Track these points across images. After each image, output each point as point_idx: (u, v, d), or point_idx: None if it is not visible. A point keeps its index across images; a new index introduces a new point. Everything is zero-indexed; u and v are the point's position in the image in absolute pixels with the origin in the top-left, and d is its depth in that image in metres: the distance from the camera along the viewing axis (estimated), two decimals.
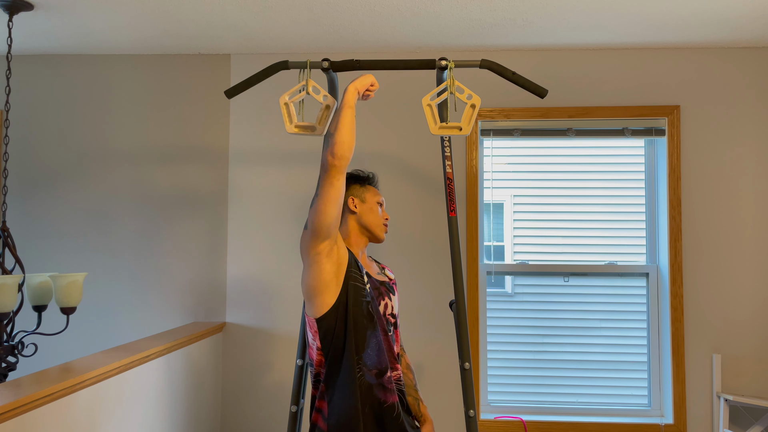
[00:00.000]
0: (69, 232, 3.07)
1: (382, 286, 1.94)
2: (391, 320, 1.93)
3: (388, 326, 1.91)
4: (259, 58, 3.07)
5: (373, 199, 1.98)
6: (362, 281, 1.85)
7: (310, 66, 2.14)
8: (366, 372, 1.81)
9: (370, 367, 1.82)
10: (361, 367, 1.81)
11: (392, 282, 2.04)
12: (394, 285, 2.04)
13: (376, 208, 1.98)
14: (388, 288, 1.97)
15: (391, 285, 2.01)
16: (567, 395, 3.00)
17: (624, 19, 2.59)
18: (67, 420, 1.73)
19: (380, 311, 1.89)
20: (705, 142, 2.92)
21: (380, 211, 1.99)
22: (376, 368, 1.82)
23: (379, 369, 1.82)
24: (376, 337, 1.83)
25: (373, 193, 2.00)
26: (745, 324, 2.87)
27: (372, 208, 1.97)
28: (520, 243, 3.07)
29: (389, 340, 1.88)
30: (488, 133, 3.00)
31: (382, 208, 2.02)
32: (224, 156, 3.06)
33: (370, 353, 1.82)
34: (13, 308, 2.08)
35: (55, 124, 3.11)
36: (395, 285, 2.06)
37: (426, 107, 2.07)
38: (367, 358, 1.82)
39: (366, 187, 2.01)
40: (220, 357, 2.99)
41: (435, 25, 2.65)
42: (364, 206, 1.97)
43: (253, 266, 3.01)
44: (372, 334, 1.83)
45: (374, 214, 1.96)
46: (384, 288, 1.95)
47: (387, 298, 1.93)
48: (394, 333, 1.94)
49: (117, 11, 2.53)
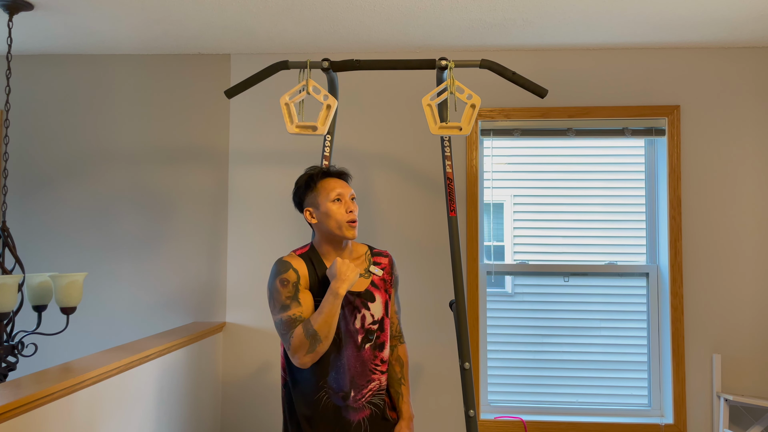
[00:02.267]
0: (69, 232, 3.07)
1: (357, 298, 1.83)
2: (372, 329, 1.85)
3: (363, 342, 1.83)
4: (259, 58, 3.07)
5: (326, 200, 1.80)
6: None
7: (310, 66, 2.14)
8: (332, 394, 1.79)
9: (336, 390, 1.79)
10: (327, 390, 1.79)
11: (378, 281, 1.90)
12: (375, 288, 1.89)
13: (332, 208, 1.79)
14: (365, 298, 1.85)
15: (370, 291, 1.87)
16: (567, 395, 3.00)
17: (624, 19, 2.59)
18: (67, 420, 1.73)
19: (354, 326, 1.82)
20: (705, 142, 2.92)
21: (340, 207, 1.80)
22: (342, 391, 1.79)
23: (344, 392, 1.79)
24: (340, 360, 1.79)
25: (326, 192, 1.81)
26: (745, 324, 2.87)
27: (328, 212, 1.79)
28: (520, 243, 3.07)
29: (362, 357, 1.82)
30: (488, 133, 3.00)
31: (343, 201, 1.81)
32: (224, 156, 3.06)
33: (335, 376, 1.79)
34: (13, 308, 2.08)
35: (55, 124, 3.11)
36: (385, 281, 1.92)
37: (426, 107, 2.07)
38: (332, 381, 1.79)
39: (316, 190, 1.83)
40: (220, 357, 2.99)
41: (435, 25, 2.65)
42: (320, 213, 1.81)
43: (253, 266, 3.01)
44: (336, 357, 1.79)
45: (332, 217, 1.78)
46: (359, 300, 1.84)
47: (364, 309, 1.83)
48: (375, 341, 1.85)
49: (117, 11, 2.53)
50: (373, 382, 1.84)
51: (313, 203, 1.83)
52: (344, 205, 1.81)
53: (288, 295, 1.75)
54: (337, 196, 1.80)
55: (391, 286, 1.94)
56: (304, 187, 1.85)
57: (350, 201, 1.83)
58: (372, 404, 1.84)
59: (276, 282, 1.77)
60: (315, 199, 1.82)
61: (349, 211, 1.80)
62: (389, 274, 1.94)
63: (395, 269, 1.97)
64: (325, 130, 2.10)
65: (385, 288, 1.91)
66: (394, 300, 1.97)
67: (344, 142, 3.01)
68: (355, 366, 1.81)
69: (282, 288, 1.76)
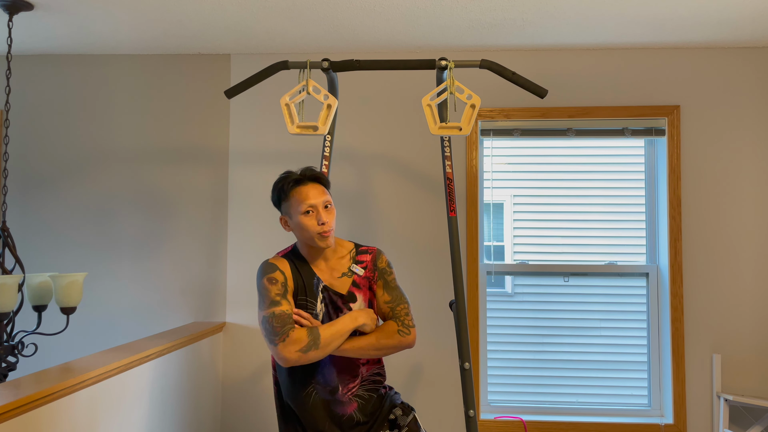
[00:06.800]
0: (69, 232, 3.07)
1: (339, 299, 1.85)
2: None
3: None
4: (259, 58, 3.07)
5: (297, 213, 1.78)
6: (313, 307, 1.82)
7: (310, 66, 2.14)
8: (320, 390, 1.82)
9: (324, 385, 1.83)
10: (315, 385, 1.82)
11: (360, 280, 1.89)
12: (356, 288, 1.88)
13: (304, 220, 1.77)
14: (347, 299, 1.86)
15: (351, 293, 1.87)
16: (567, 395, 3.00)
17: (624, 19, 2.59)
18: (67, 420, 1.73)
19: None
20: (705, 142, 2.92)
21: (311, 219, 1.77)
22: (330, 386, 1.83)
23: (332, 386, 1.83)
24: (327, 357, 1.82)
25: (297, 204, 1.78)
26: (745, 324, 2.87)
27: (299, 224, 1.78)
28: (520, 243, 3.07)
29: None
30: (488, 133, 3.00)
31: (314, 212, 1.77)
32: (224, 156, 3.06)
33: (322, 372, 1.83)
34: (13, 308, 2.08)
35: (55, 124, 3.11)
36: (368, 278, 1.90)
37: (426, 107, 2.07)
38: (320, 377, 1.83)
39: (289, 201, 1.80)
40: (220, 357, 2.99)
41: (435, 25, 2.65)
42: (293, 223, 1.81)
43: (254, 266, 3.01)
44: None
45: (304, 229, 1.78)
46: (341, 300, 1.85)
47: (346, 309, 1.85)
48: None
49: (117, 11, 2.53)
50: (358, 377, 1.88)
51: (287, 212, 1.83)
52: (316, 217, 1.77)
53: (278, 293, 1.78)
54: (308, 208, 1.77)
55: (374, 282, 1.90)
56: (278, 196, 1.84)
57: (323, 211, 1.78)
58: (358, 396, 1.88)
59: (264, 280, 1.79)
60: (288, 209, 1.82)
61: (321, 222, 1.77)
62: (371, 271, 1.90)
63: (379, 262, 1.91)
64: (326, 130, 2.10)
65: (368, 286, 1.91)
66: (384, 291, 1.90)
67: (344, 142, 3.01)
68: (340, 362, 1.85)
69: (271, 285, 1.78)
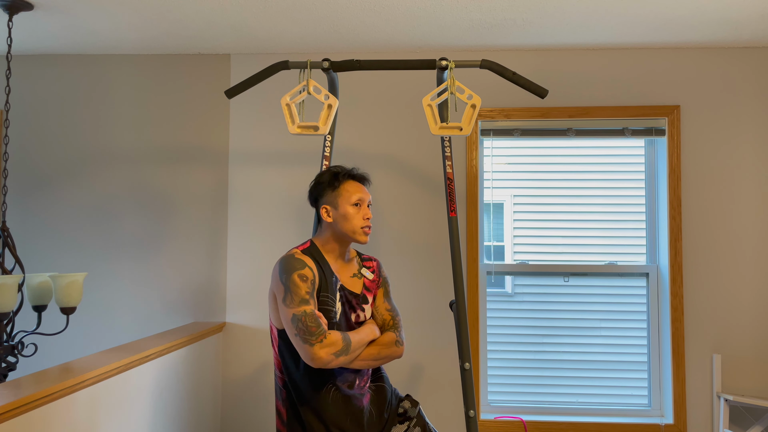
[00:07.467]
0: (69, 232, 3.07)
1: (354, 298, 1.88)
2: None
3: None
4: (259, 58, 3.07)
5: (346, 203, 1.83)
6: (333, 304, 1.82)
7: (310, 66, 2.14)
8: (340, 385, 1.82)
9: (342, 380, 1.83)
10: (334, 382, 1.82)
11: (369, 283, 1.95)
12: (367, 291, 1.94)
13: (351, 211, 1.83)
14: (361, 300, 1.90)
15: (364, 295, 1.92)
16: (567, 395, 3.00)
17: (624, 19, 2.59)
18: (67, 420, 1.73)
19: (353, 322, 1.87)
20: (705, 142, 2.92)
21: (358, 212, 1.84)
22: (347, 381, 1.84)
23: (350, 381, 1.85)
24: None
25: (348, 194, 1.84)
26: (745, 324, 2.87)
27: (346, 215, 1.83)
28: (520, 243, 3.07)
29: None
30: (488, 133, 3.00)
31: (362, 206, 1.85)
32: (224, 156, 3.06)
33: (339, 369, 1.83)
34: (13, 308, 2.08)
35: (55, 124, 3.11)
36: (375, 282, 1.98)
37: (426, 107, 2.07)
38: (338, 372, 1.83)
39: (338, 191, 1.85)
40: (220, 357, 2.99)
41: (435, 25, 2.65)
42: (338, 213, 1.83)
43: (253, 266, 3.01)
44: None
45: (349, 220, 1.82)
46: (356, 300, 1.89)
47: (359, 309, 1.89)
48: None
49: (117, 11, 2.53)
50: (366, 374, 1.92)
51: (332, 203, 1.85)
52: (362, 211, 1.85)
53: (308, 290, 1.75)
54: (358, 201, 1.84)
55: (378, 287, 2.00)
56: (327, 184, 1.87)
57: (367, 208, 1.88)
58: (369, 389, 1.91)
59: (295, 276, 1.75)
60: (335, 199, 1.85)
61: (366, 218, 1.85)
62: (378, 276, 2.01)
63: (383, 271, 2.04)
64: (327, 130, 2.10)
65: (374, 290, 1.99)
66: (385, 300, 2.00)
67: (344, 142, 3.01)
68: None
69: (302, 283, 1.75)
